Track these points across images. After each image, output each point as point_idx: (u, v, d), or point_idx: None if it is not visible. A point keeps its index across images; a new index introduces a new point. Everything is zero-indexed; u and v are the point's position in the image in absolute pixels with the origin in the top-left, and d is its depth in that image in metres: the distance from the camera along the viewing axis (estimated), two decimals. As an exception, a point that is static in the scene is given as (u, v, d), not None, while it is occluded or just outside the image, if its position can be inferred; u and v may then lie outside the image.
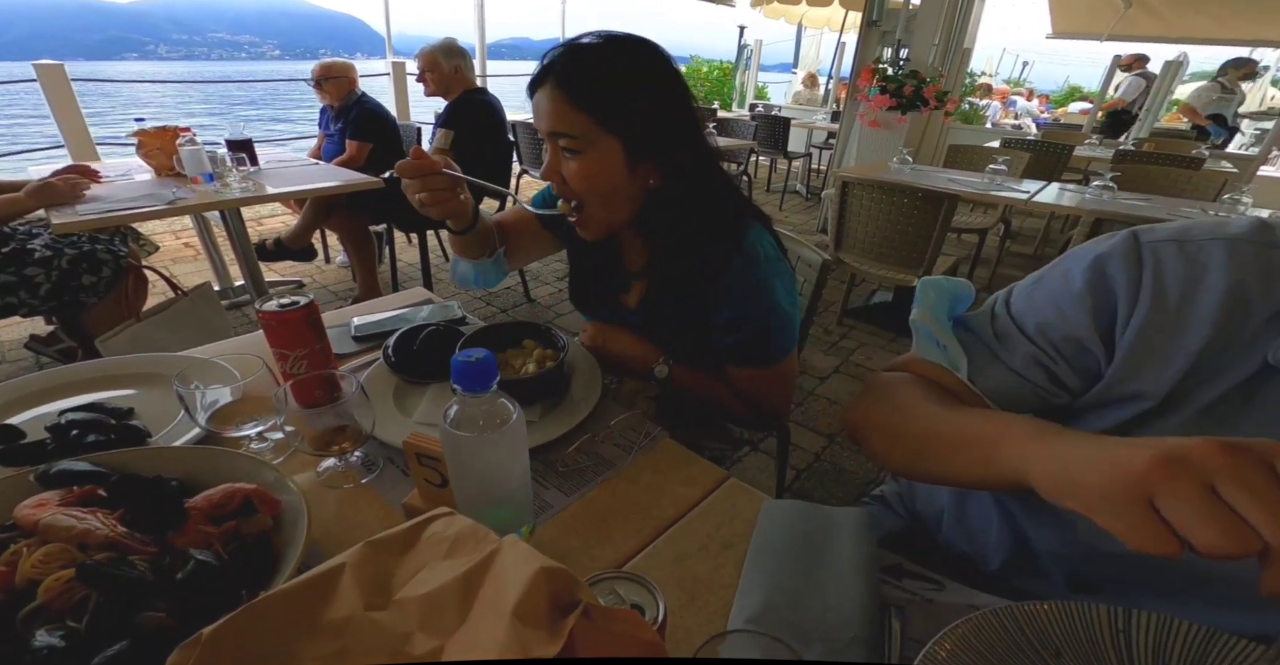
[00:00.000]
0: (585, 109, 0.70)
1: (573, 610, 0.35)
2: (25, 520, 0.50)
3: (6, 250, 1.63)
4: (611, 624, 0.37)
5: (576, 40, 0.72)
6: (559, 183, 0.76)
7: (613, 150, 0.72)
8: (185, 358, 0.85)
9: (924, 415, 0.55)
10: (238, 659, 0.36)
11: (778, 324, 0.81)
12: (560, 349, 0.79)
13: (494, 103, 2.65)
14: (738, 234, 0.79)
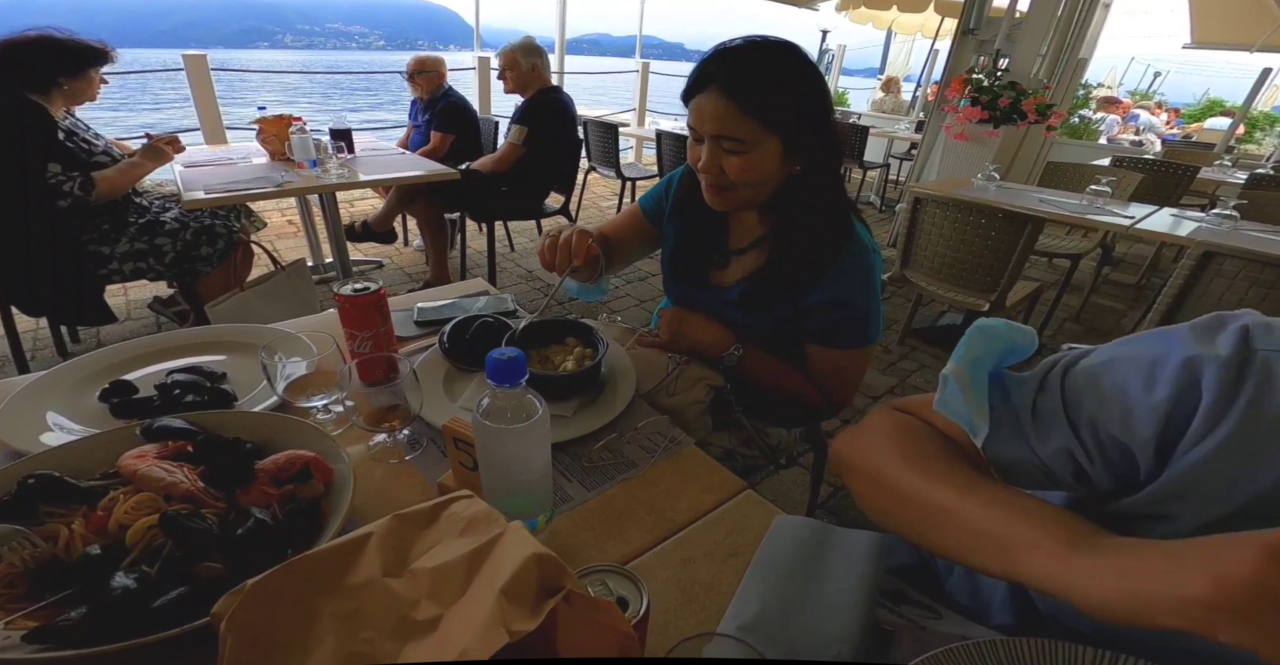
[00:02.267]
0: (752, 114, 0.73)
1: (556, 595, 0.37)
2: (126, 469, 0.56)
3: (143, 221, 1.79)
4: (591, 612, 0.38)
5: (729, 46, 0.75)
6: (717, 174, 0.79)
7: (773, 148, 0.76)
8: (273, 330, 0.91)
9: (939, 484, 0.45)
10: (271, 609, 0.40)
11: (875, 312, 0.87)
12: (599, 350, 0.81)
13: (567, 102, 2.68)
14: (849, 223, 0.84)
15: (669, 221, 1.00)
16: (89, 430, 0.68)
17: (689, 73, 0.79)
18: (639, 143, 5.79)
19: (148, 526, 0.51)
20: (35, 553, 0.50)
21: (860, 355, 0.90)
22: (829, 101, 0.79)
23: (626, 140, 5.38)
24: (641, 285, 3.07)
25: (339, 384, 0.72)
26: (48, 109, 1.63)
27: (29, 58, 1.60)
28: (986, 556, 0.40)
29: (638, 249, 1.07)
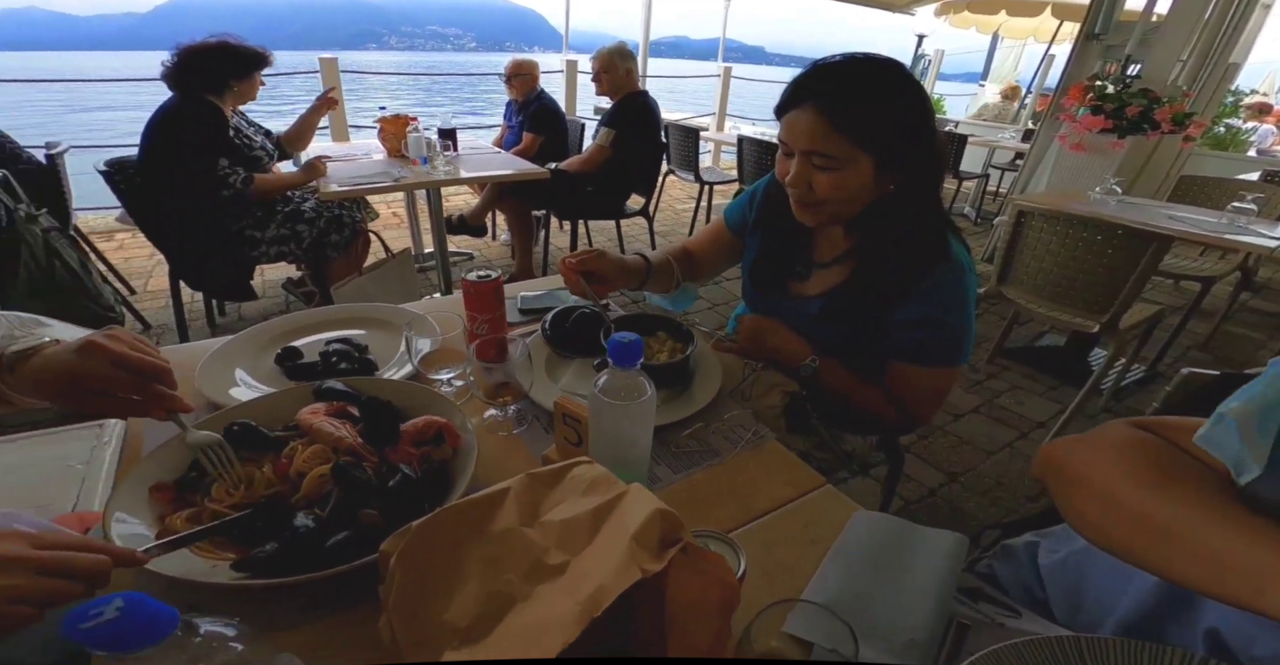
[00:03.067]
0: (845, 132, 0.72)
1: (676, 545, 0.41)
2: (304, 423, 0.65)
3: (287, 210, 2.01)
4: (703, 564, 0.42)
5: (827, 62, 0.75)
6: (805, 190, 0.78)
7: (866, 166, 0.75)
8: (404, 310, 1.00)
9: (1188, 509, 0.41)
10: (428, 550, 0.46)
11: (966, 331, 0.84)
12: (690, 344, 0.84)
13: (654, 107, 2.73)
14: (944, 241, 0.81)
15: (752, 233, 1.01)
16: (267, 388, 0.79)
17: (784, 87, 0.78)
18: (717, 147, 5.75)
19: (320, 475, 0.59)
20: (237, 487, 0.59)
21: (946, 375, 0.87)
22: (931, 122, 0.77)
23: (705, 144, 5.38)
24: (715, 289, 3.07)
25: (464, 360, 0.80)
26: (222, 109, 1.85)
27: (209, 62, 1.82)
28: (1231, 586, 0.37)
29: (723, 260, 1.09)
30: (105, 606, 0.30)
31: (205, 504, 0.58)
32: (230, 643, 0.35)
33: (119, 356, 0.54)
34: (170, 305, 2.20)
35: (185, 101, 1.81)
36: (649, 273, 0.96)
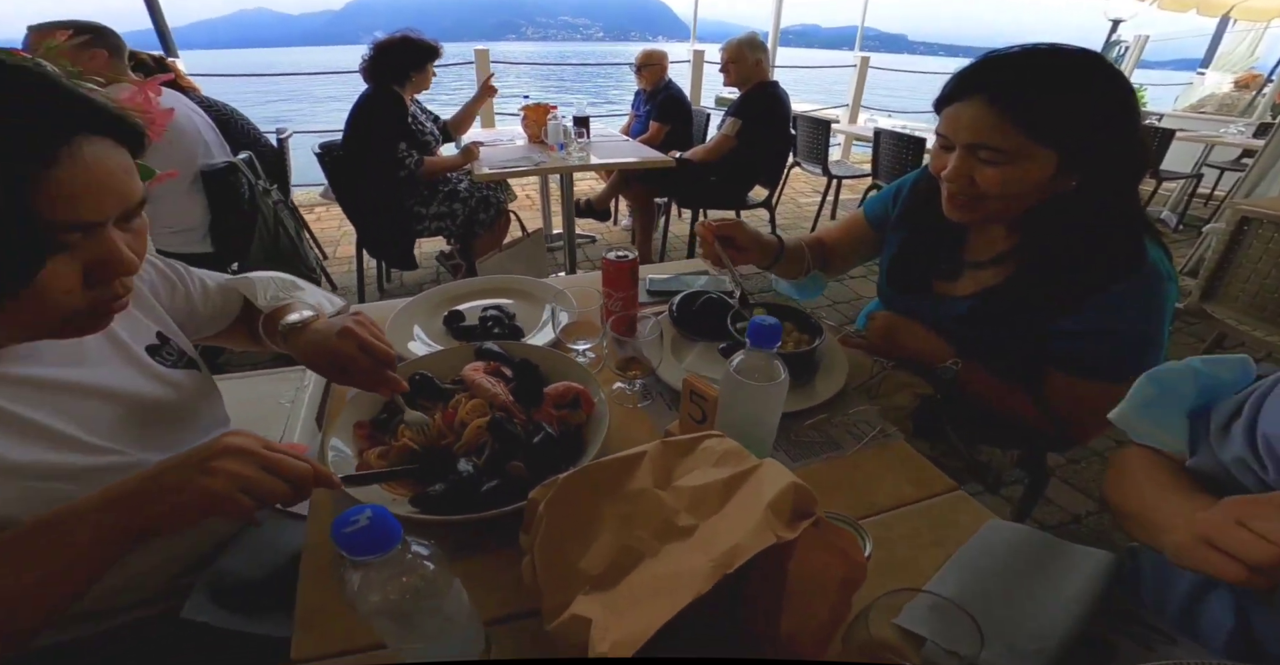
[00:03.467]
0: (1022, 125, 0.67)
1: (808, 518, 0.42)
2: (468, 378, 0.73)
3: (447, 189, 2.24)
4: (833, 539, 0.43)
5: (1002, 53, 0.70)
6: (964, 184, 0.73)
7: (1044, 162, 0.69)
8: (546, 284, 1.09)
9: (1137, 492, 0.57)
10: (571, 500, 0.50)
11: (1152, 346, 0.75)
12: (817, 337, 0.84)
13: (784, 98, 2.64)
14: (1139, 247, 0.73)
15: (894, 227, 0.96)
16: (437, 345, 0.91)
17: (936, 78, 0.74)
18: (848, 140, 5.41)
19: (478, 427, 0.67)
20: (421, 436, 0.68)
21: (1117, 391, 0.78)
22: (1132, 113, 0.69)
23: (836, 137, 5.06)
24: (838, 287, 2.93)
25: (598, 333, 0.86)
26: (403, 97, 2.09)
27: (394, 56, 2.06)
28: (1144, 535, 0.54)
29: (857, 255, 1.05)
30: (359, 516, 0.36)
31: (390, 443, 0.68)
32: (424, 562, 0.40)
33: (365, 343, 0.66)
34: (353, 270, 2.56)
35: (376, 92, 2.07)
36: (781, 253, 0.96)
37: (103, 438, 0.55)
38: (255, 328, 0.77)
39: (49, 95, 0.42)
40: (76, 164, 0.42)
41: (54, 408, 0.53)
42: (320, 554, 0.58)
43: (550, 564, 0.48)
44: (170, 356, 0.66)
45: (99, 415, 0.57)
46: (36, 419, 0.51)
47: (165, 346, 0.66)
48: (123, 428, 0.58)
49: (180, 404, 0.65)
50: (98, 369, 0.58)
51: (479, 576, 0.55)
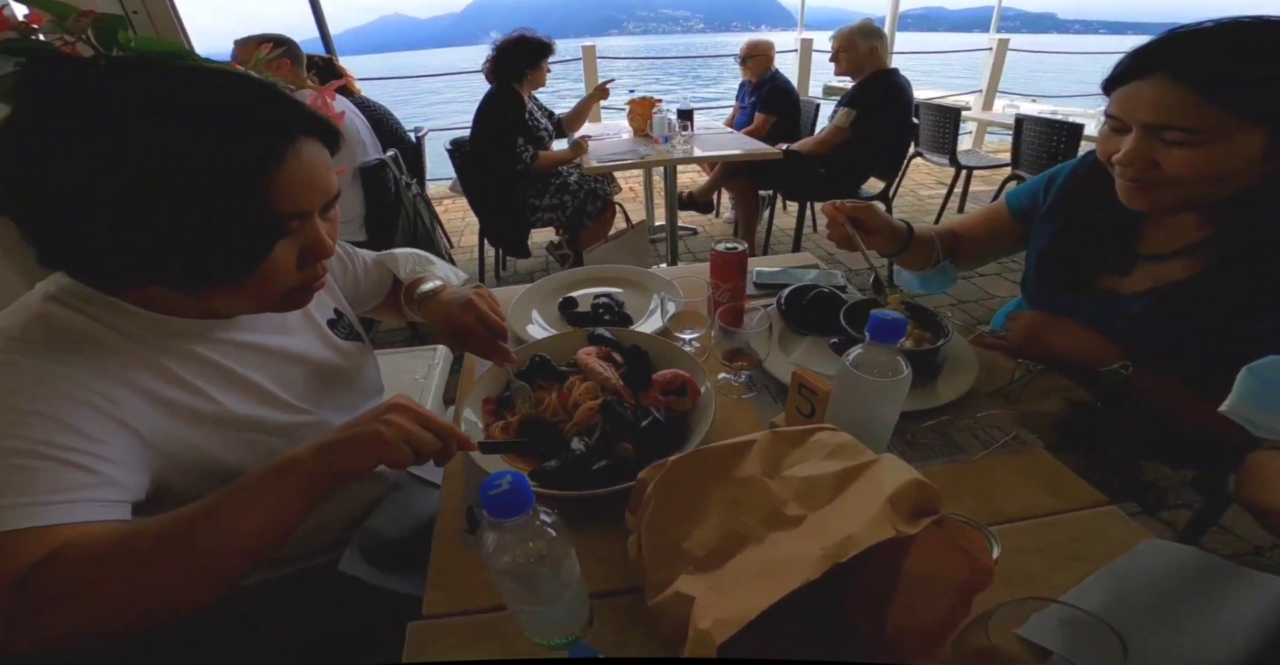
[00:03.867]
0: (1219, 101, 0.60)
1: (931, 516, 0.40)
2: (581, 362, 0.76)
3: (558, 182, 2.34)
4: (958, 539, 0.40)
5: (1192, 28, 0.64)
6: (1143, 168, 0.66)
7: (1251, 142, 0.61)
8: (655, 274, 1.11)
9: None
10: (679, 483, 0.51)
11: None
12: (941, 336, 0.78)
13: (904, 85, 2.45)
14: None
15: (1044, 219, 0.87)
16: (552, 329, 0.96)
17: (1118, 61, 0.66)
18: (981, 128, 4.91)
19: (590, 408, 0.70)
20: (535, 409, 0.72)
21: None
22: None
23: (966, 125, 4.61)
24: (965, 285, 2.69)
25: (706, 323, 0.86)
26: (521, 94, 2.21)
27: (513, 54, 2.18)
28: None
29: (993, 248, 0.97)
30: (501, 480, 0.40)
31: (509, 418, 0.73)
32: (549, 529, 0.43)
33: (483, 315, 0.73)
34: (475, 258, 2.78)
35: (498, 90, 2.20)
36: (910, 240, 0.90)
37: (297, 398, 0.65)
38: (399, 299, 0.86)
39: (278, 103, 0.49)
40: (297, 162, 0.48)
41: (266, 370, 0.63)
42: (451, 520, 0.63)
43: (656, 543, 0.50)
44: (344, 329, 0.76)
45: (295, 378, 0.66)
46: (255, 379, 0.61)
47: (340, 320, 0.76)
48: (310, 390, 0.68)
49: (351, 371, 0.74)
50: (296, 338, 0.68)
51: (584, 551, 0.57)
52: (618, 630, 0.51)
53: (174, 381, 0.54)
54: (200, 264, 0.48)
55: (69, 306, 0.51)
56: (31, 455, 0.44)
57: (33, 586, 0.41)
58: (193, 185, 0.44)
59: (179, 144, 0.43)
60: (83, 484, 0.45)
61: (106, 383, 0.49)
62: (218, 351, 0.58)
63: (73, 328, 0.50)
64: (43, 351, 0.48)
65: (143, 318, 0.54)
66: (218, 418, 0.56)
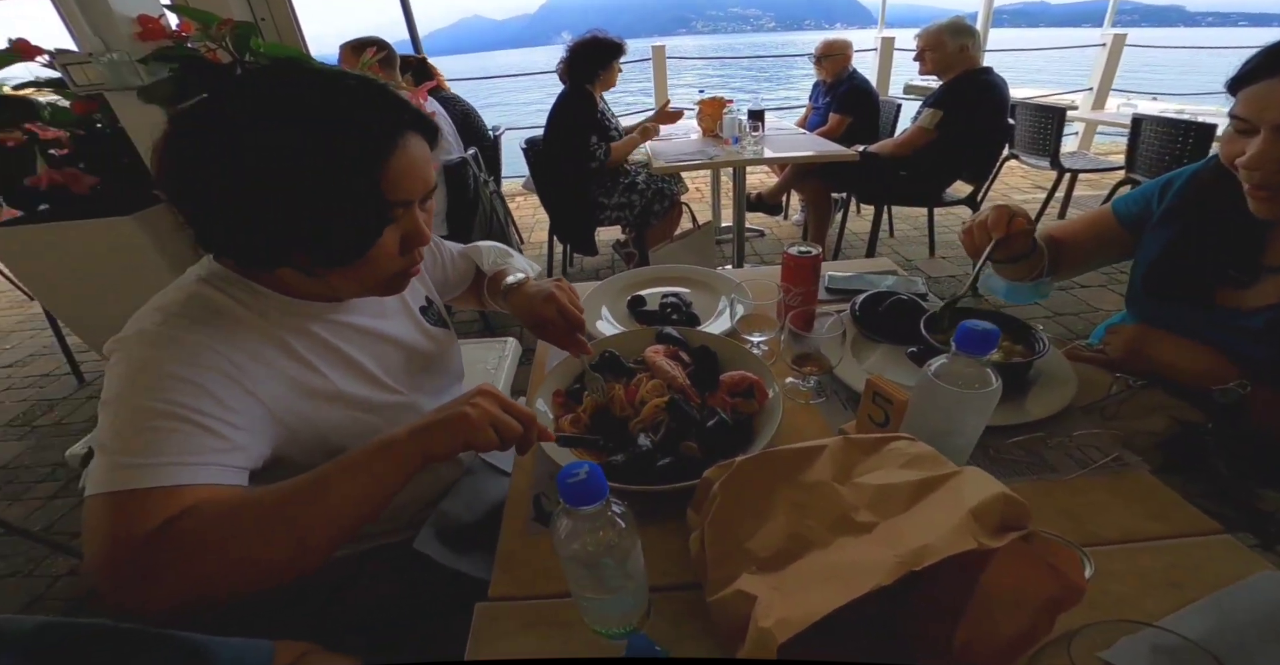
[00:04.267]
0: None
1: (1018, 531, 0.39)
2: (649, 359, 0.77)
3: (626, 181, 2.39)
4: (1048, 554, 0.39)
5: None
6: (1272, 172, 0.63)
7: None
8: (723, 276, 1.11)
9: None
10: (746, 483, 0.52)
11: None
12: (1036, 351, 0.73)
13: (998, 84, 2.30)
14: None
15: (1158, 226, 0.81)
16: (621, 327, 0.98)
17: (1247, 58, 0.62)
18: (1089, 129, 4.56)
19: (656, 406, 0.71)
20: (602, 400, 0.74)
21: None
22: None
23: (1072, 125, 4.31)
24: (1061, 296, 2.50)
25: (774, 326, 0.85)
26: (593, 94, 2.27)
27: (586, 55, 2.24)
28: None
29: (1097, 257, 0.91)
30: (579, 470, 0.42)
31: (579, 411, 0.75)
32: (619, 519, 0.45)
33: (563, 308, 0.77)
34: (544, 254, 2.88)
35: (571, 91, 2.27)
36: (1031, 251, 0.84)
37: (393, 379, 0.70)
38: (480, 290, 0.93)
39: (390, 100, 0.54)
40: (404, 154, 0.53)
41: (368, 351, 0.68)
42: (519, 507, 0.66)
43: (719, 541, 0.51)
44: (433, 316, 0.82)
45: (393, 360, 0.72)
46: (359, 359, 0.67)
47: (430, 308, 0.82)
48: (404, 372, 0.73)
49: (439, 355, 0.80)
50: (392, 322, 0.74)
51: (643, 545, 0.59)
52: (673, 624, 0.52)
53: (294, 357, 0.60)
54: (322, 246, 0.53)
55: (216, 287, 0.58)
56: (172, 416, 0.49)
57: (162, 542, 0.45)
58: (319, 174, 0.49)
59: (311, 139, 0.49)
60: (214, 448, 0.51)
61: (240, 355, 0.55)
62: (330, 331, 0.65)
63: (217, 305, 0.57)
64: (192, 325, 0.54)
65: (273, 298, 0.61)
66: (328, 394, 0.62)
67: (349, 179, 0.50)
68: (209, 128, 0.50)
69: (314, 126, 0.49)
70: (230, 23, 1.29)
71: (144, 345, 0.53)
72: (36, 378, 2.53)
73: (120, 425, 0.49)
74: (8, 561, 1.53)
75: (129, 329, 0.55)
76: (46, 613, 1.35)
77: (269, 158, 0.48)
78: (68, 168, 1.49)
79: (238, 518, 0.47)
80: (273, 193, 0.49)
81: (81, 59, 1.35)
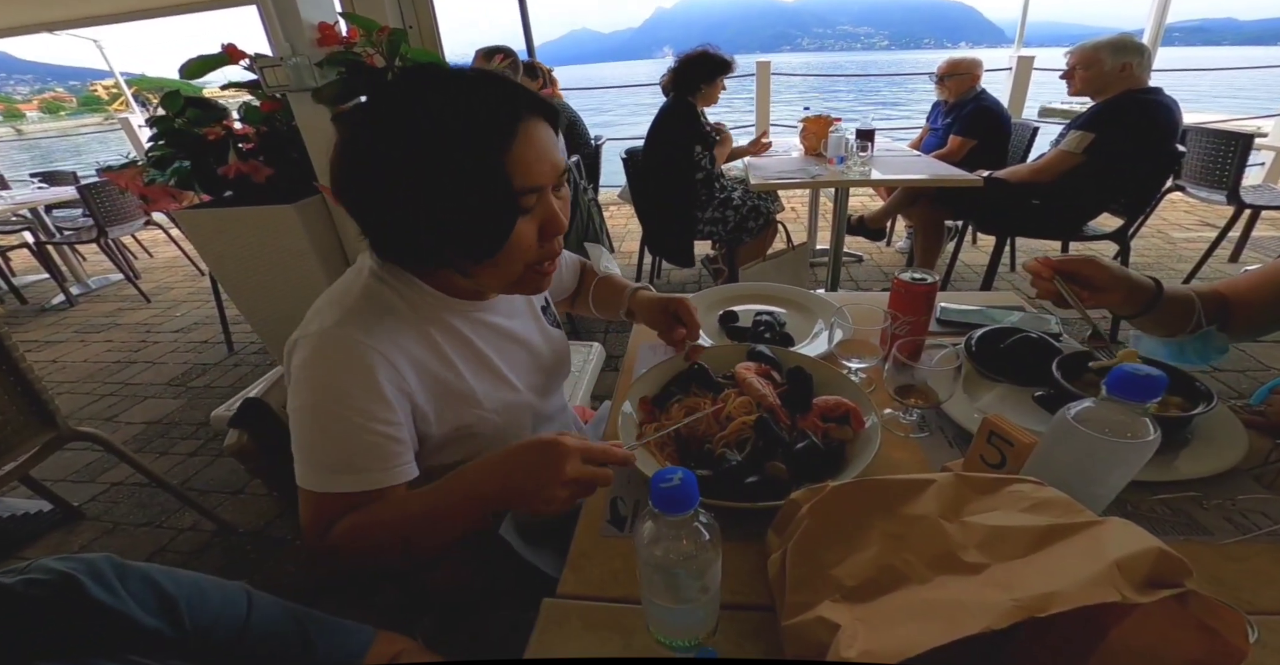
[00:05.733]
0: None
1: (1172, 588, 0.37)
2: (739, 376, 0.78)
3: (722, 196, 2.42)
4: (1206, 615, 0.37)
5: None
6: None
7: None
8: (821, 298, 1.10)
9: None
10: (838, 509, 0.51)
11: None
12: (1198, 403, 0.67)
13: (1167, 105, 2.10)
14: None
15: None
16: (709, 341, 0.99)
17: None
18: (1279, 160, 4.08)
19: (743, 423, 0.71)
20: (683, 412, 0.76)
21: None
22: None
23: (1259, 155, 3.96)
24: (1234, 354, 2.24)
25: (874, 352, 0.83)
26: (696, 106, 2.33)
27: (693, 68, 2.31)
28: None
29: (1276, 317, 0.80)
30: (673, 476, 0.43)
31: (663, 419, 0.77)
32: (704, 531, 0.46)
33: (688, 313, 0.85)
34: (633, 263, 3.00)
35: (675, 103, 2.35)
36: (1158, 299, 0.76)
37: (515, 376, 0.76)
38: (581, 293, 1.00)
39: (507, 88, 0.58)
40: (527, 138, 0.57)
41: (497, 348, 0.74)
42: (595, 507, 0.69)
43: (802, 564, 0.50)
44: (551, 317, 0.88)
45: (517, 359, 0.78)
46: (490, 356, 0.73)
47: (549, 309, 0.88)
48: (525, 371, 0.79)
49: (555, 356, 0.85)
50: (520, 321, 0.80)
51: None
52: (736, 644, 0.52)
53: (436, 353, 0.67)
54: (464, 241, 0.59)
55: (384, 282, 0.66)
56: (367, 430, 0.59)
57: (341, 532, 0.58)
58: (447, 169, 0.54)
59: (435, 136, 0.54)
60: (398, 453, 0.61)
61: (401, 357, 0.62)
62: (469, 327, 0.71)
63: (384, 301, 0.64)
64: (366, 326, 0.61)
65: (429, 294, 0.68)
66: (458, 389, 0.68)
67: (475, 170, 0.54)
68: (356, 135, 0.57)
69: (436, 124, 0.54)
70: (387, 30, 1.48)
71: (328, 349, 0.60)
72: (197, 343, 2.95)
73: (316, 437, 0.60)
74: (145, 511, 1.76)
75: (311, 324, 0.62)
76: (166, 563, 1.56)
77: (403, 157, 0.54)
78: (251, 160, 1.78)
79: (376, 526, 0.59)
80: (410, 192, 0.55)
81: (274, 63, 1.59)
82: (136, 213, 3.48)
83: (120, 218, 3.41)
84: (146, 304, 3.54)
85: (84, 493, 1.84)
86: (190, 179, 1.81)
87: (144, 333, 3.11)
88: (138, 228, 3.61)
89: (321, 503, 0.59)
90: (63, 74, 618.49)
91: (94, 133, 25.99)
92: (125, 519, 1.72)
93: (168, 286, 3.86)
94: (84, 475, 1.93)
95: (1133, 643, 0.37)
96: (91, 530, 1.68)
